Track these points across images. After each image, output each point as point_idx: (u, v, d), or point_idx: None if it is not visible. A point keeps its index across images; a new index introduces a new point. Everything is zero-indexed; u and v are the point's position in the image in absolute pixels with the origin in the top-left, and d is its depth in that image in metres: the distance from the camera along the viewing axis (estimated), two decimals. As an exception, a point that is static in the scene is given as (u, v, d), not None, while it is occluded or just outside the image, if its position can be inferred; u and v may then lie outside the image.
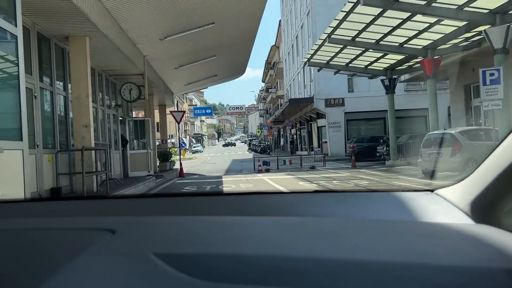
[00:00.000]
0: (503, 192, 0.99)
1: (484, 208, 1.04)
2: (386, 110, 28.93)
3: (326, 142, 29.80)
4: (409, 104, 27.69)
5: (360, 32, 14.69)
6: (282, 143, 54.99)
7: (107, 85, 12.82)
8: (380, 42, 15.44)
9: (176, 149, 54.33)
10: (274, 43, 57.95)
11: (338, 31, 15.23)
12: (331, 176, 15.78)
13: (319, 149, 28.19)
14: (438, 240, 0.89)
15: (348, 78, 28.92)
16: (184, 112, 19.85)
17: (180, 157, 20.10)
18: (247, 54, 19.46)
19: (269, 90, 64.44)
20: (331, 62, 19.12)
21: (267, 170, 20.47)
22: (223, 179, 17.40)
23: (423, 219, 1.14)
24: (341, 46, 16.37)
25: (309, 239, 0.89)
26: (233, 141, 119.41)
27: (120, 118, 14.52)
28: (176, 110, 19.96)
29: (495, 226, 0.97)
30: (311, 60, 19.28)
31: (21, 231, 1.00)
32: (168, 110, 20.59)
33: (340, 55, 17.89)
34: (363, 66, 19.50)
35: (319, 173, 17.67)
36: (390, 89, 19.87)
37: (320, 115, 30.14)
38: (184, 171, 23.46)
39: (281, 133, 55.61)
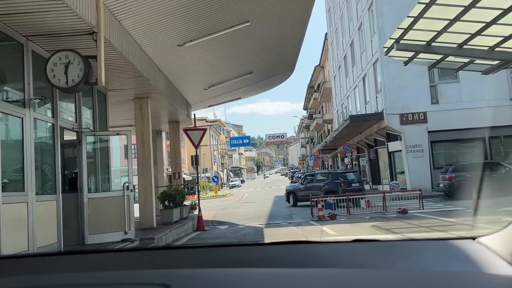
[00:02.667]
0: None
1: None
2: (486, 127, 21.18)
3: (402, 172, 22.04)
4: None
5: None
6: (331, 175, 47.27)
7: (27, 60, 6.21)
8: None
9: (212, 184, 48.18)
10: (318, 63, 51.35)
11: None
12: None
13: (396, 182, 20.46)
14: None
15: (430, 85, 21.43)
16: (204, 130, 13.07)
17: (198, 199, 13.12)
18: (296, 49, 12.81)
19: (313, 116, 57.36)
20: (433, 43, 11.87)
21: (333, 217, 13.22)
22: (264, 234, 10.62)
23: (465, 269, 1.12)
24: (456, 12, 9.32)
25: None
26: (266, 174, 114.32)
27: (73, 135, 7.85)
28: (194, 127, 13.04)
29: None
30: (401, 42, 12.09)
31: (70, 287, 0.99)
32: (184, 129, 13.77)
33: (450, 29, 10.74)
34: (486, 48, 12.04)
35: (429, 223, 10.20)
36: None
37: (393, 137, 22.56)
38: (210, 217, 16.50)
39: (329, 163, 47.91)
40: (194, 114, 13.83)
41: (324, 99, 47.28)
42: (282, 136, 51.94)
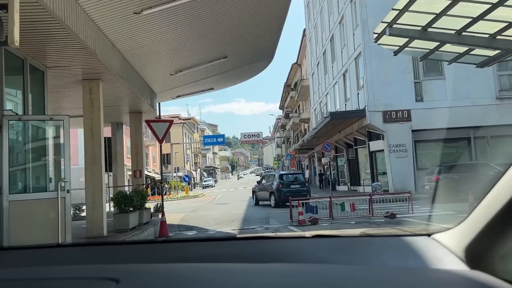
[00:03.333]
0: (495, 238, 0.98)
1: (479, 254, 1.04)
2: (472, 127, 20.28)
3: (384, 173, 20.88)
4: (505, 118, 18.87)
5: None
6: (307, 175, 46.10)
7: None
8: None
9: (184, 184, 46.14)
10: (295, 61, 50.18)
11: None
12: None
13: (379, 184, 19.25)
14: None
15: (415, 82, 20.36)
16: (170, 122, 11.33)
17: (162, 201, 11.45)
18: (277, 32, 11.28)
19: (290, 115, 56.16)
20: (430, 29, 10.58)
21: (314, 222, 11.82)
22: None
23: (419, 265, 1.14)
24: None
25: (308, 287, 0.89)
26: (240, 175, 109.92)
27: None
28: (158, 119, 11.30)
29: (489, 272, 0.97)
30: (394, 26, 10.75)
31: (20, 281, 0.98)
32: (147, 120, 11.93)
33: (450, 12, 9.48)
34: (487, 35, 10.86)
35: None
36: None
37: (374, 136, 21.39)
38: (177, 221, 14.80)
39: (306, 164, 46.77)
40: (159, 104, 12.08)
41: (301, 97, 46.09)
42: (258, 135, 50.66)
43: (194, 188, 63.08)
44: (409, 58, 20.34)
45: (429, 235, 1.35)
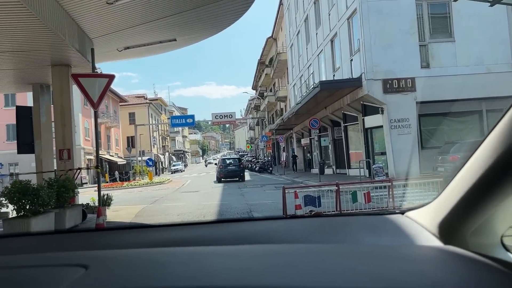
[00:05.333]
0: (467, 213, 0.99)
1: (452, 229, 1.06)
2: (485, 98, 17.36)
3: (382, 153, 17.80)
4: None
5: None
6: (283, 158, 42.93)
7: None
8: None
9: (149, 169, 42.04)
10: (270, 35, 46.44)
11: None
12: None
13: (380, 165, 16.09)
14: (406, 265, 0.92)
15: (420, 45, 17.18)
16: (110, 77, 7.61)
17: (99, 195, 7.75)
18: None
19: (265, 94, 52.61)
20: None
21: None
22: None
23: (394, 242, 1.17)
24: None
25: (282, 267, 0.89)
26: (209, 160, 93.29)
27: None
28: (91, 73, 7.43)
29: (462, 247, 1.00)
30: None
31: None
32: (74, 74, 8.01)
33: None
34: None
35: None
36: None
37: (371, 110, 18.23)
38: (129, 218, 11.15)
39: (283, 145, 43.59)
40: (93, 51, 8.17)
41: (278, 74, 42.56)
42: (231, 116, 46.76)
43: (162, 173, 58.98)
44: (413, 16, 17.14)
45: (402, 213, 1.36)
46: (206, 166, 72.46)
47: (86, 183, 35.46)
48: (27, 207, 5.67)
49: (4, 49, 7.46)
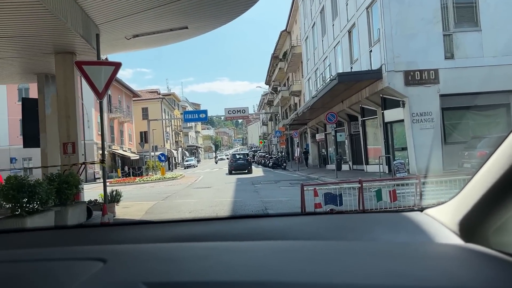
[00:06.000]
0: (489, 211, 0.97)
1: (473, 227, 1.03)
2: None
3: (403, 148, 17.01)
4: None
5: None
6: (297, 154, 42.20)
7: None
8: None
9: (161, 164, 41.72)
10: (284, 29, 45.60)
11: None
12: None
13: (402, 161, 15.32)
14: (426, 262, 0.90)
15: (444, 34, 16.32)
16: (117, 65, 7.06)
17: (105, 192, 7.23)
18: None
19: (278, 89, 51.86)
20: None
21: (339, 218, 7.61)
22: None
23: (413, 240, 1.14)
24: None
25: (299, 263, 0.89)
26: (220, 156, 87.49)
27: None
28: (97, 61, 6.87)
29: (484, 245, 0.97)
30: None
31: (10, 263, 0.98)
32: (77, 61, 7.48)
33: None
34: None
35: None
36: None
37: (391, 103, 17.43)
38: (139, 215, 10.69)
39: (297, 140, 42.87)
40: (97, 36, 7.59)
41: (292, 68, 41.78)
42: (244, 111, 46.02)
43: (175, 168, 58.76)
44: (437, 5, 16.27)
45: (421, 210, 1.34)
46: (216, 163, 69.09)
47: (98, 178, 35.29)
48: (24, 205, 5.14)
49: (4, 34, 6.96)
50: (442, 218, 1.18)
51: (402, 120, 16.64)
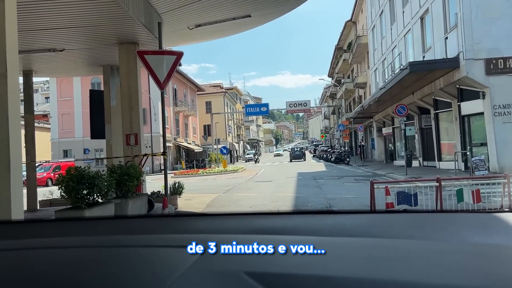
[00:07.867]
0: None
1: None
2: None
3: (482, 144, 15.53)
4: None
5: None
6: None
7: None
8: None
9: (223, 156, 42.26)
10: (349, 18, 44.02)
11: None
12: None
13: (481, 158, 13.95)
14: None
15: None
16: (179, 55, 6.88)
17: (165, 185, 7.08)
18: None
19: (342, 81, 50.35)
20: None
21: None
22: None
23: (507, 242, 1.06)
24: None
25: (387, 261, 0.88)
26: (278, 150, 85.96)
27: None
28: (158, 50, 6.72)
29: None
30: None
31: (110, 248, 1.01)
32: (139, 51, 7.39)
33: None
34: None
35: None
36: None
37: (468, 94, 15.97)
38: (201, 208, 10.60)
39: (362, 135, 41.37)
40: (160, 25, 7.43)
41: (357, 59, 40.25)
42: (305, 104, 45.08)
43: (237, 161, 59.40)
44: (524, -16, 14.55)
45: None
46: (275, 156, 67.91)
47: (163, 169, 36.41)
48: (84, 197, 5.09)
49: (68, 24, 7.06)
50: None
51: (482, 113, 15.16)
